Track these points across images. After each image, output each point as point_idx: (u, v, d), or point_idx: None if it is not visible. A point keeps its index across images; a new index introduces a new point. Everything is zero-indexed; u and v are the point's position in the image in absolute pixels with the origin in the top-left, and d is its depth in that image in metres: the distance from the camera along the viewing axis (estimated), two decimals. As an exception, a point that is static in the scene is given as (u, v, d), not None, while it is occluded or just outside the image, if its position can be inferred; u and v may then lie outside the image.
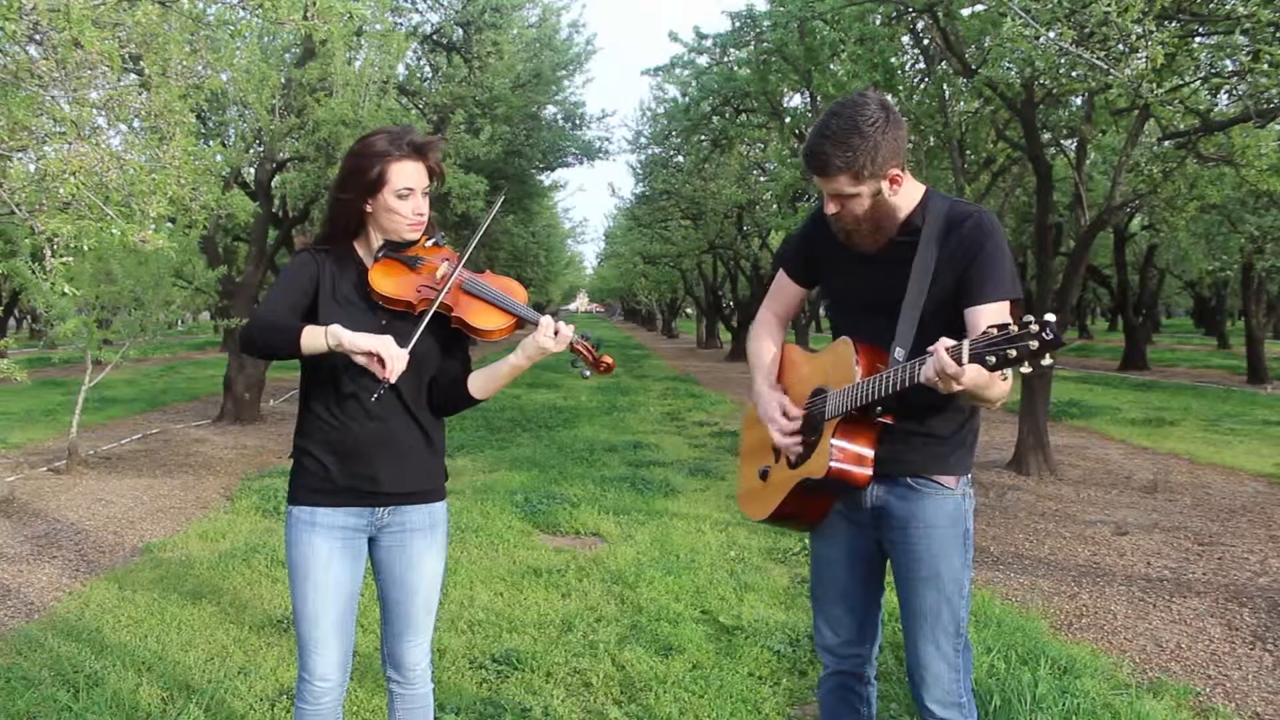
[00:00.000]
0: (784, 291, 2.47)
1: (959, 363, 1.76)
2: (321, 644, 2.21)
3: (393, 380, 2.10)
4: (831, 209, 2.13)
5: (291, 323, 2.13)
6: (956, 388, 1.81)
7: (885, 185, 2.08)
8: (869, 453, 2.11)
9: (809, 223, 2.37)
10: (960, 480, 2.19)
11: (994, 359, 1.73)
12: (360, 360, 2.11)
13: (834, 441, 2.10)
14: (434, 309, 2.18)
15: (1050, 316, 1.69)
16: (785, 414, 2.26)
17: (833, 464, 2.09)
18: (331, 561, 2.21)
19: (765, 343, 2.46)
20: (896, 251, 2.14)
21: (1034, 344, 1.69)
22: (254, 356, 2.27)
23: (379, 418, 2.21)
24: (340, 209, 2.24)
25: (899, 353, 2.05)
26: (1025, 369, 1.71)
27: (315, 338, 2.10)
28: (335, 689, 2.25)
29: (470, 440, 9.38)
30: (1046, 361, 1.70)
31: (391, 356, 2.09)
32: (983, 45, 7.35)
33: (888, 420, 2.08)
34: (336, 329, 2.10)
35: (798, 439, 2.22)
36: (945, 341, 1.80)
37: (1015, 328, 1.71)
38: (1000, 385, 1.91)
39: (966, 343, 1.78)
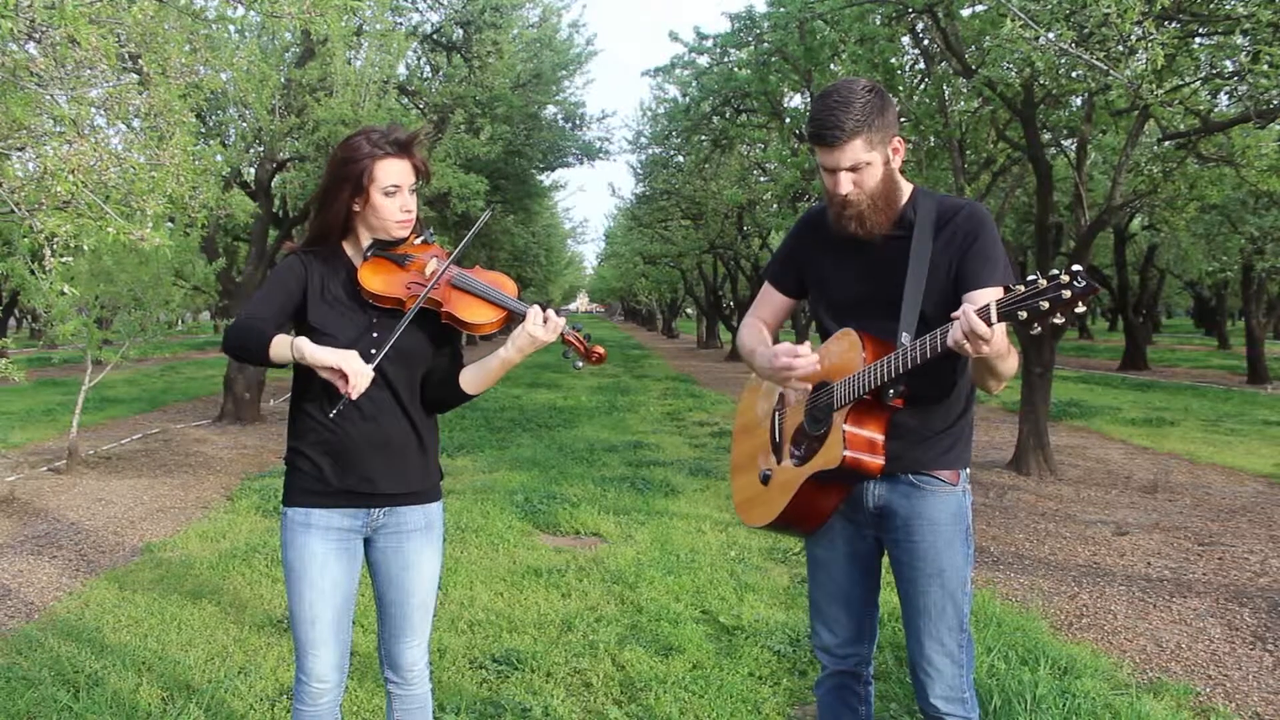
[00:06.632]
0: (771, 302, 2.45)
1: (988, 322, 1.78)
2: (318, 645, 2.21)
3: (354, 397, 2.07)
4: (845, 188, 2.10)
5: (264, 331, 2.11)
6: (985, 349, 1.81)
7: (891, 154, 2.12)
8: (880, 439, 2.10)
9: (796, 230, 2.38)
10: (961, 475, 2.21)
11: (1025, 313, 1.74)
12: (324, 375, 2.09)
13: (846, 428, 2.08)
14: (421, 303, 2.17)
15: (1077, 266, 1.72)
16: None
17: (847, 452, 2.07)
18: (327, 563, 2.21)
19: (756, 329, 2.41)
20: (891, 245, 2.16)
21: (1066, 293, 1.70)
22: (235, 360, 2.25)
23: (372, 418, 2.19)
24: (328, 210, 2.24)
25: (905, 338, 2.05)
26: (1058, 320, 1.72)
27: (283, 348, 2.09)
28: (333, 690, 2.25)
29: (470, 440, 9.38)
30: (1080, 310, 1.71)
31: (354, 372, 2.06)
32: (982, 45, 7.35)
33: (898, 405, 2.07)
34: (301, 342, 2.09)
35: (814, 372, 2.14)
36: (970, 304, 1.82)
37: (1044, 281, 1.73)
38: (1013, 358, 1.96)
39: (993, 302, 1.79)
